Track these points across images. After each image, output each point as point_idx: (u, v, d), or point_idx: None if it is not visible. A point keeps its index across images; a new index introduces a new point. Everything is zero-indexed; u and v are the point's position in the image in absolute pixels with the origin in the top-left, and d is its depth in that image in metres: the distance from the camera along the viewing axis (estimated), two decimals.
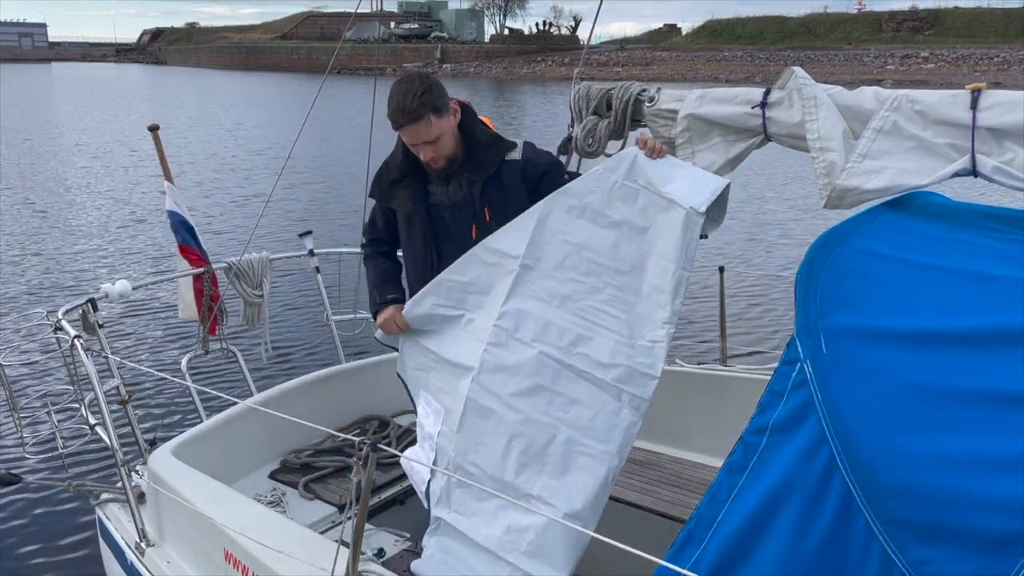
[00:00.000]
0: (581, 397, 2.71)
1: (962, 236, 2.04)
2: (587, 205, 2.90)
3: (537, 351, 2.75)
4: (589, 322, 2.80)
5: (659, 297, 2.79)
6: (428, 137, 3.04)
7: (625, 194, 2.88)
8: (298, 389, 4.38)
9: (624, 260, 2.85)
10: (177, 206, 4.82)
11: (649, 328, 2.78)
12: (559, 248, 2.89)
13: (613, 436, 2.68)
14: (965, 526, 1.67)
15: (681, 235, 2.78)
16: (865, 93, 2.53)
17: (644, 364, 2.74)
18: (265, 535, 2.83)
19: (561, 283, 2.86)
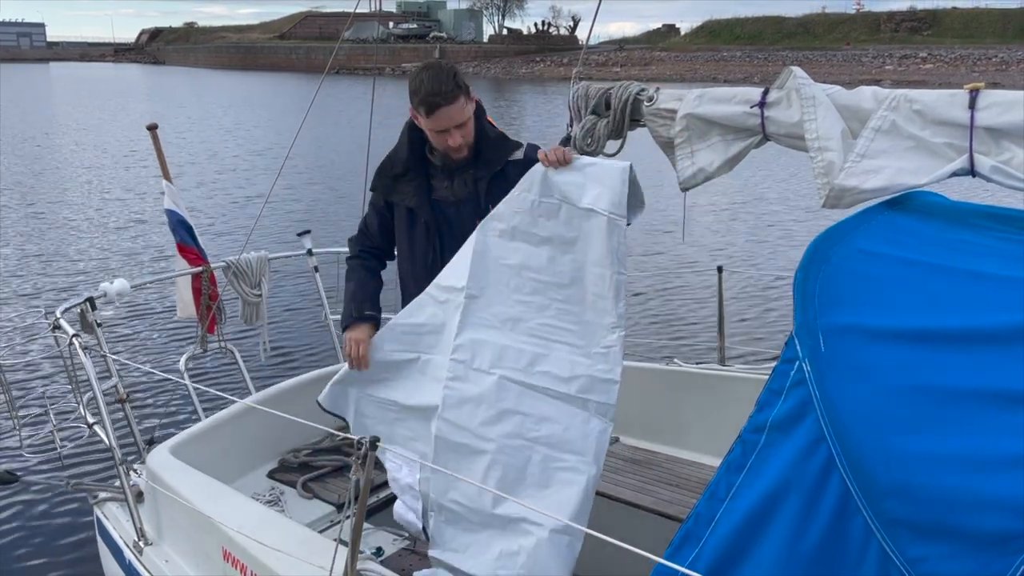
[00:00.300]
0: (549, 414, 2.74)
1: (960, 235, 2.05)
2: (515, 227, 2.91)
3: (497, 376, 2.76)
4: (543, 339, 2.83)
5: (603, 303, 2.83)
6: (461, 119, 3.05)
7: (546, 210, 2.89)
8: (296, 388, 4.38)
9: (563, 274, 2.88)
10: (176, 205, 4.83)
11: (600, 335, 2.81)
12: (499, 273, 2.91)
13: (587, 446, 2.72)
14: (962, 524, 1.68)
15: (608, 241, 2.81)
16: (863, 93, 2.53)
17: (603, 370, 2.78)
18: (263, 534, 2.84)
19: (509, 307, 2.88)
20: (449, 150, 3.11)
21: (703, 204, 16.11)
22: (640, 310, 10.09)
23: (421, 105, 3.03)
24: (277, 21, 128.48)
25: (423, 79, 3.02)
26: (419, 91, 3.03)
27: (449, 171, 3.19)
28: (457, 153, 3.12)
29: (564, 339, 2.82)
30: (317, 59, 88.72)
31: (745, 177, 18.83)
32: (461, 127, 3.07)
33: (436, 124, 3.05)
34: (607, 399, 2.76)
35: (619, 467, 3.81)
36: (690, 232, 13.85)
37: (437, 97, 2.99)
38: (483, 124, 3.20)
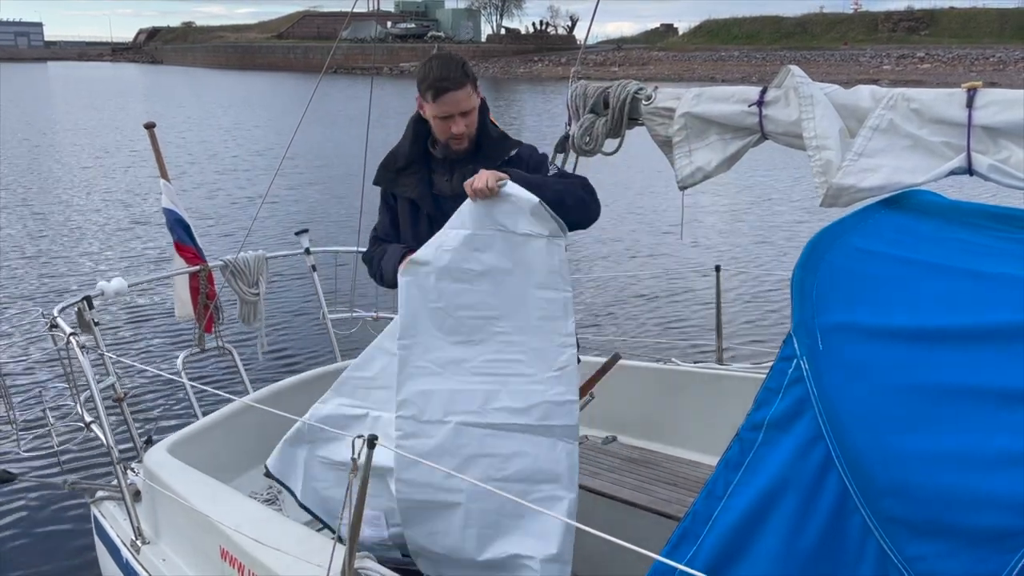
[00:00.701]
0: (515, 449, 2.71)
1: (958, 234, 2.05)
2: (445, 267, 2.84)
3: (453, 424, 2.72)
4: (492, 375, 2.78)
5: (550, 326, 2.80)
6: (467, 107, 3.06)
7: (482, 243, 2.83)
8: (294, 387, 4.37)
9: (503, 306, 2.82)
10: (173, 204, 4.82)
11: (551, 358, 2.78)
12: (429, 318, 2.85)
13: (558, 472, 2.70)
14: (960, 522, 1.68)
15: (549, 262, 2.78)
16: (861, 92, 2.53)
17: (559, 393, 2.75)
18: (261, 532, 2.83)
19: (447, 350, 2.82)
20: (451, 139, 3.12)
21: (701, 203, 16.11)
22: (638, 309, 10.10)
23: (429, 89, 3.04)
24: (275, 21, 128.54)
25: (432, 65, 3.05)
26: (428, 76, 3.04)
27: (450, 166, 3.19)
28: (458, 144, 3.13)
29: (514, 371, 2.78)
30: (315, 59, 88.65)
31: (743, 176, 18.84)
32: (465, 116, 3.08)
33: (441, 109, 3.06)
34: (569, 420, 2.73)
35: (617, 466, 3.82)
36: (688, 231, 13.86)
37: (445, 82, 3.01)
38: (486, 121, 3.22)
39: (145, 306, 9.81)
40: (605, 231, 14.45)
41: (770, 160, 19.83)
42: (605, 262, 12.51)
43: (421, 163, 3.24)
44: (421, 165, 3.24)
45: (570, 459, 2.72)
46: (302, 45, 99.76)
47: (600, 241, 13.73)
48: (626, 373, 4.21)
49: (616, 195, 17.69)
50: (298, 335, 8.80)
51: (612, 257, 12.86)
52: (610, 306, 10.21)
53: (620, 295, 10.65)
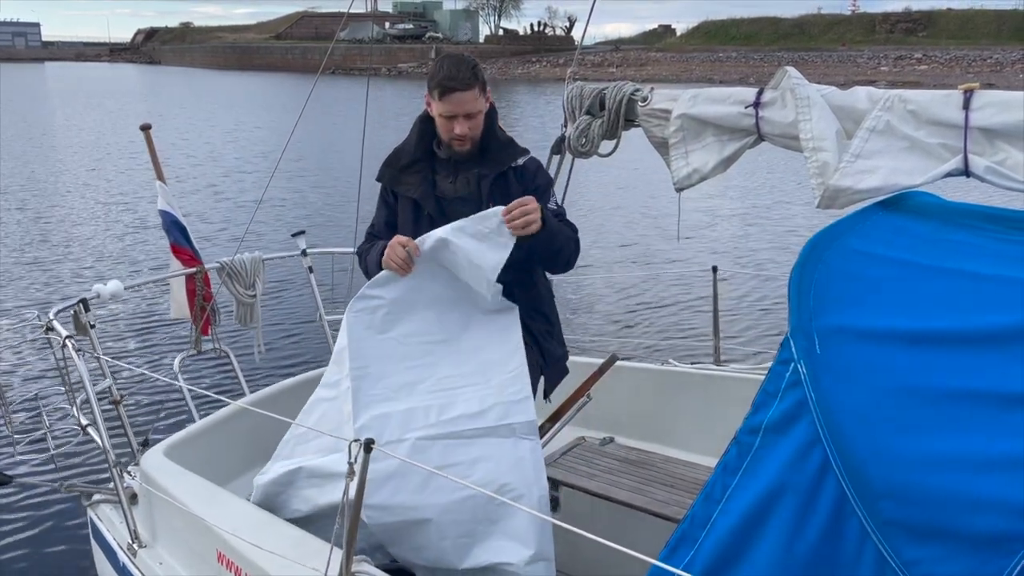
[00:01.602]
0: (476, 454, 2.71)
1: (955, 236, 2.05)
2: (394, 300, 2.97)
3: (411, 440, 2.72)
4: (447, 390, 2.82)
5: (499, 337, 2.88)
6: (472, 109, 3.07)
7: (429, 275, 2.98)
8: (291, 390, 4.36)
9: (451, 329, 2.93)
10: (169, 206, 4.80)
11: (503, 363, 2.84)
12: (382, 347, 2.92)
13: (523, 468, 2.70)
14: (958, 526, 1.68)
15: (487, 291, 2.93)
16: (858, 93, 2.53)
17: (514, 392, 2.78)
18: (258, 536, 2.82)
19: (400, 375, 2.87)
20: (453, 139, 3.13)
21: (698, 204, 16.12)
22: (635, 310, 10.10)
23: (436, 87, 3.06)
24: (273, 21, 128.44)
25: (443, 64, 3.07)
26: (437, 74, 3.06)
27: (454, 167, 3.20)
28: (460, 145, 3.14)
29: (467, 382, 2.82)
30: (313, 59, 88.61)
31: (740, 178, 18.85)
32: (470, 118, 3.09)
33: (446, 108, 3.07)
34: (527, 416, 2.74)
35: (614, 467, 3.81)
36: (685, 232, 13.87)
37: (453, 81, 3.02)
38: (494, 126, 3.23)
39: (141, 308, 9.80)
40: (602, 232, 14.46)
41: (767, 162, 19.84)
42: (602, 263, 12.51)
43: (425, 162, 3.25)
44: (425, 164, 3.25)
45: (533, 455, 2.72)
46: (300, 46, 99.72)
47: (597, 242, 13.73)
48: (623, 374, 4.20)
49: (613, 196, 17.70)
50: (295, 337, 8.79)
51: (609, 258, 12.86)
52: (607, 307, 10.21)
53: (617, 296, 10.65)
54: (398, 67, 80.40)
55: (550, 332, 3.36)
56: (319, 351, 7.33)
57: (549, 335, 3.35)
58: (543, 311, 3.34)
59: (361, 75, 69.90)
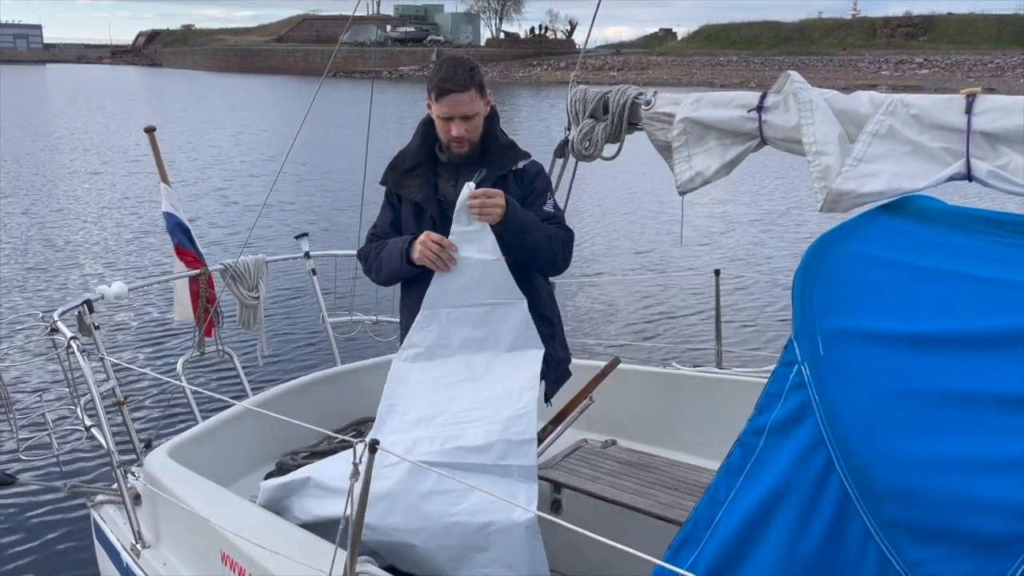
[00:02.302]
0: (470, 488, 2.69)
1: (957, 239, 2.06)
2: (431, 346, 3.09)
3: (410, 463, 2.70)
4: (457, 424, 2.84)
5: (516, 373, 2.93)
6: (468, 111, 3.09)
7: (457, 319, 3.08)
8: (294, 391, 4.38)
9: (477, 370, 3.00)
10: (173, 208, 4.82)
11: (513, 400, 2.86)
12: (412, 387, 3.01)
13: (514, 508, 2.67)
14: (961, 528, 1.69)
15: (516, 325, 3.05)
16: (861, 97, 2.55)
17: (518, 432, 2.78)
18: (262, 536, 2.83)
19: (421, 410, 2.93)
20: (451, 141, 3.15)
21: (701, 208, 16.13)
22: (638, 313, 10.11)
23: (433, 89, 3.10)
24: (274, 24, 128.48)
25: (441, 66, 3.12)
26: (435, 76, 3.10)
27: (456, 170, 3.22)
28: (458, 147, 3.16)
29: (477, 416, 2.85)
30: (315, 62, 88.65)
31: (743, 181, 18.85)
32: (466, 120, 3.11)
33: (442, 110, 3.10)
34: (527, 461, 2.74)
35: (616, 470, 3.81)
36: (688, 235, 13.87)
37: (449, 83, 3.06)
38: (495, 129, 3.25)
39: (145, 310, 9.81)
40: (605, 234, 14.48)
41: (770, 165, 19.85)
42: (605, 265, 12.52)
43: (428, 166, 3.27)
44: (428, 167, 3.27)
45: (527, 495, 2.71)
46: (302, 48, 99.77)
47: (600, 244, 13.75)
48: (626, 377, 4.21)
49: (616, 199, 17.72)
50: (298, 339, 8.80)
51: (612, 260, 12.87)
52: (610, 309, 10.22)
53: (620, 298, 10.66)
54: (399, 70, 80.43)
55: (552, 335, 3.38)
56: (322, 353, 7.36)
57: (551, 338, 3.36)
58: (543, 314, 3.35)
59: (362, 78, 69.93)
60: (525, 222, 3.05)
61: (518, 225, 3.02)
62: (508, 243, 3.05)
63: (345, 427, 4.40)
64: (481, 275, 3.05)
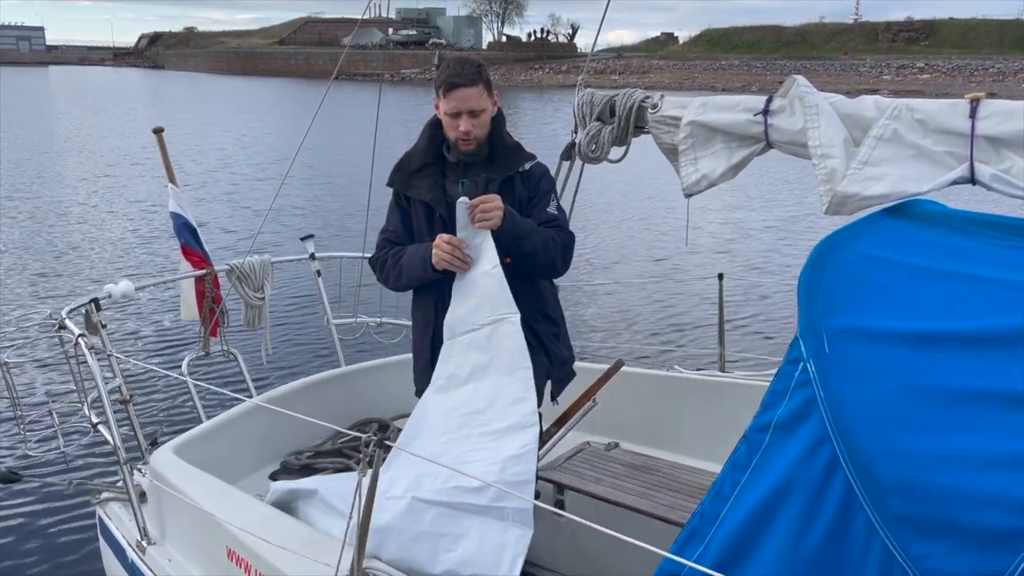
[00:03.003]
0: (465, 531, 2.72)
1: (960, 242, 2.08)
2: (451, 376, 3.09)
3: (409, 499, 2.73)
4: (462, 462, 2.83)
5: (516, 408, 2.91)
6: (475, 106, 3.13)
7: (467, 344, 3.08)
8: (298, 391, 4.40)
9: (482, 399, 2.98)
10: (180, 208, 4.85)
11: (514, 437, 2.86)
12: (432, 423, 3.02)
13: (502, 557, 2.68)
14: (964, 522, 1.71)
15: (512, 341, 3.01)
16: (866, 101, 2.57)
17: (517, 473, 2.78)
18: (268, 532, 2.84)
19: (437, 446, 2.92)
20: (459, 139, 3.17)
21: (707, 211, 16.15)
22: (641, 316, 10.13)
23: (441, 85, 3.14)
24: (277, 27, 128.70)
25: (448, 64, 3.16)
26: (442, 74, 3.14)
27: (463, 171, 3.24)
28: (466, 144, 3.18)
29: (481, 456, 2.85)
30: (317, 64, 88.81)
31: (749, 184, 18.87)
32: (474, 116, 3.14)
33: (450, 105, 3.13)
34: (523, 504, 2.73)
35: (619, 472, 3.83)
36: (693, 238, 13.88)
37: (457, 77, 3.10)
38: (501, 131, 3.29)
39: (152, 309, 9.84)
40: (610, 237, 14.50)
41: (775, 168, 19.87)
42: (609, 268, 12.54)
43: (435, 166, 3.29)
44: (435, 168, 3.29)
45: (519, 544, 2.70)
46: (304, 51, 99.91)
47: (605, 247, 13.77)
48: (629, 379, 4.23)
49: (621, 201, 17.74)
50: (302, 340, 8.82)
51: (616, 263, 12.89)
52: (613, 312, 10.24)
53: (624, 301, 10.68)
54: (401, 73, 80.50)
55: (556, 335, 3.40)
56: (326, 354, 7.37)
57: (556, 337, 3.39)
58: (548, 314, 3.37)
59: (364, 80, 69.91)
60: (522, 228, 3.09)
61: (515, 231, 3.06)
62: (505, 248, 3.08)
63: (349, 427, 4.43)
64: (484, 292, 3.06)
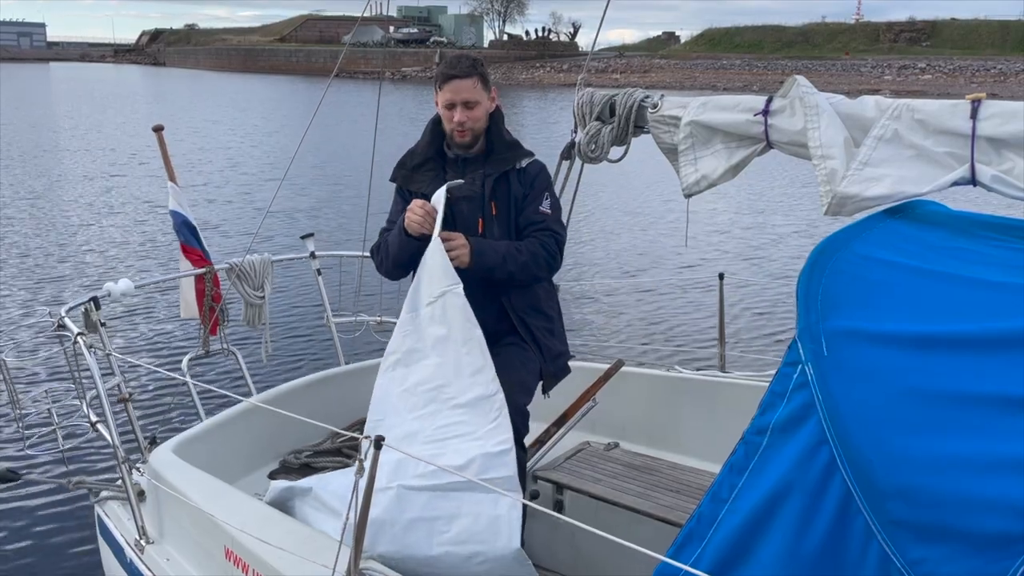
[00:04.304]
0: (455, 510, 2.72)
1: (960, 243, 2.08)
2: (408, 350, 3.04)
3: (395, 489, 2.73)
4: (440, 441, 2.85)
5: (479, 377, 2.90)
6: (469, 97, 3.19)
7: (427, 318, 3.03)
8: (297, 390, 4.40)
9: (448, 372, 2.96)
10: (180, 206, 4.84)
11: (486, 410, 2.86)
12: (398, 400, 3.00)
13: (498, 529, 2.69)
14: (962, 527, 1.70)
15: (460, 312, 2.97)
16: (866, 102, 2.57)
17: (497, 443, 2.79)
18: (266, 532, 2.84)
19: (406, 425, 2.92)
20: (454, 130, 3.23)
21: (707, 211, 16.14)
22: (642, 316, 10.12)
23: (438, 78, 3.24)
24: (278, 24, 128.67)
25: (447, 58, 3.28)
26: (440, 68, 3.26)
27: (463, 167, 3.29)
28: (461, 136, 3.24)
29: (458, 432, 2.85)
30: (317, 62, 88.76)
31: (749, 184, 18.86)
32: (468, 107, 3.19)
33: (445, 96, 3.21)
34: (506, 471, 2.75)
35: (619, 472, 3.83)
36: (693, 239, 13.87)
37: (452, 70, 3.19)
38: (499, 127, 3.35)
39: (151, 307, 9.83)
40: (610, 237, 14.50)
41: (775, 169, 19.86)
42: (609, 268, 12.54)
43: (436, 162, 3.35)
44: (436, 164, 3.35)
45: (510, 513, 2.71)
46: (305, 49, 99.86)
47: (604, 246, 13.77)
48: (629, 379, 4.23)
49: (621, 201, 17.73)
50: (302, 338, 8.82)
51: (616, 263, 12.88)
52: (613, 312, 10.24)
53: (624, 301, 10.68)
54: (402, 71, 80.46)
55: (550, 330, 3.41)
56: (326, 353, 7.37)
57: (550, 332, 3.40)
58: (541, 310, 3.40)
59: (365, 79, 69.91)
60: (492, 261, 3.14)
61: (484, 265, 3.13)
62: (479, 277, 3.14)
63: (348, 426, 4.42)
64: (431, 264, 3.06)
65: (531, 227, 3.26)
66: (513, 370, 3.15)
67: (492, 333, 3.10)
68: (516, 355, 3.27)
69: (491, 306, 3.24)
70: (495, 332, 3.17)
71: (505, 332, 3.31)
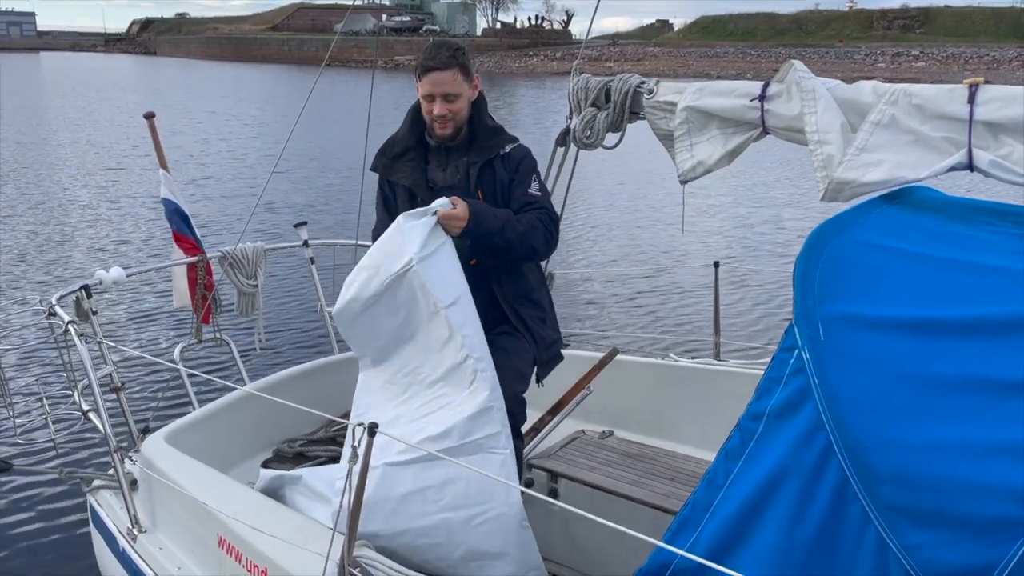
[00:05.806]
0: (445, 476, 2.70)
1: (957, 229, 2.07)
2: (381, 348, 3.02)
3: (381, 467, 2.69)
4: (421, 418, 2.83)
5: (449, 347, 2.86)
6: (449, 89, 3.12)
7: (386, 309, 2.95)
8: (291, 379, 4.38)
9: (416, 355, 2.94)
10: (172, 194, 4.81)
11: (462, 377, 2.84)
12: (378, 395, 2.99)
13: (494, 488, 2.67)
14: (959, 511, 1.70)
15: (420, 288, 2.87)
16: (863, 87, 2.55)
17: (476, 404, 2.76)
18: (259, 521, 2.83)
19: (388, 411, 2.90)
20: (434, 122, 3.17)
21: (703, 198, 16.13)
22: (637, 304, 10.12)
23: (418, 68, 3.15)
24: (269, 13, 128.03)
25: (429, 48, 3.16)
26: (420, 58, 3.16)
27: (445, 155, 3.24)
28: (441, 128, 3.18)
29: (439, 404, 2.84)
30: (309, 51, 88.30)
31: (745, 171, 18.85)
32: (449, 100, 3.13)
33: (424, 88, 3.14)
34: (490, 428, 2.73)
35: (613, 460, 3.82)
36: (689, 226, 13.86)
37: (430, 61, 3.10)
38: (482, 114, 3.27)
39: (143, 296, 9.80)
40: (605, 225, 14.48)
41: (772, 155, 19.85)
42: (604, 256, 12.53)
43: (417, 151, 3.29)
44: (417, 153, 3.29)
45: (504, 468, 2.70)
46: (297, 37, 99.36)
47: (600, 235, 13.75)
48: (624, 368, 4.22)
49: (616, 189, 17.72)
50: (295, 327, 8.80)
51: (611, 251, 12.87)
52: (609, 300, 10.23)
53: (619, 289, 10.67)
54: (395, 60, 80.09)
55: (542, 319, 3.39)
56: (319, 341, 7.35)
57: (542, 321, 3.38)
58: (533, 298, 3.38)
59: (357, 67, 69.65)
60: (492, 228, 3.07)
61: (483, 231, 3.05)
62: (478, 245, 3.09)
63: (342, 415, 4.41)
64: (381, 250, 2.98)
65: (523, 209, 3.21)
66: (507, 358, 3.13)
67: (484, 322, 3.05)
68: (510, 343, 3.25)
69: (482, 292, 3.18)
70: (486, 321, 3.15)
71: (497, 320, 3.28)
